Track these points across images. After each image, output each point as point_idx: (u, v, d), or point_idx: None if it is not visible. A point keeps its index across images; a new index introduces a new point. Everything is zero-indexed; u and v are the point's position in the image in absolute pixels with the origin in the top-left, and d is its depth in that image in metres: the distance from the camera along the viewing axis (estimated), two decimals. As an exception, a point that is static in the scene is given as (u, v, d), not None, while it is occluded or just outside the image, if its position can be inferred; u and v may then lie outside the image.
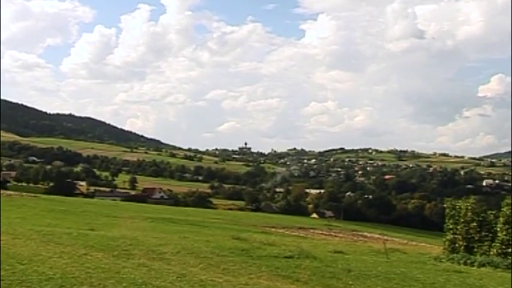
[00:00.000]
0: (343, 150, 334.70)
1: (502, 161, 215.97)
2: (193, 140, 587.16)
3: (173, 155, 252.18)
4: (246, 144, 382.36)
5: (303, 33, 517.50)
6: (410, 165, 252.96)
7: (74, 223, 19.06)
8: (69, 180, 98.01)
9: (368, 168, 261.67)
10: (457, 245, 13.04)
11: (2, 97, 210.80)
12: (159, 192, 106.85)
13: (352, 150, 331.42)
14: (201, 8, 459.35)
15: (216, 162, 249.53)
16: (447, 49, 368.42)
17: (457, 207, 13.38)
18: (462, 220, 13.10)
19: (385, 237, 34.91)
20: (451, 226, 13.37)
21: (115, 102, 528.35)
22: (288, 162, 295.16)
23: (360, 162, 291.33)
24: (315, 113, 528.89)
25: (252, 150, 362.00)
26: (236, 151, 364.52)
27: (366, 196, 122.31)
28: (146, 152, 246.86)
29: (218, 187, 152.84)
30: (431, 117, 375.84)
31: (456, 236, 13.11)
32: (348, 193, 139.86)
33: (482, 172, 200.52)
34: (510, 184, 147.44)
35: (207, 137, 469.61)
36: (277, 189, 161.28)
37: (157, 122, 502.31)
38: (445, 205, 14.22)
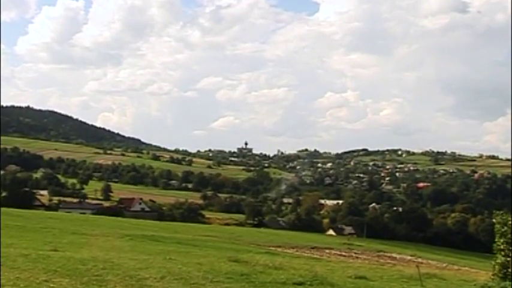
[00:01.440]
0: (366, 152, 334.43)
1: None
2: (181, 139, 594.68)
3: (156, 158, 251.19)
4: (246, 144, 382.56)
5: (317, 7, 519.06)
6: (450, 171, 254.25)
7: (33, 242, 18.96)
8: (27, 189, 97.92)
9: (397, 174, 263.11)
10: (510, 270, 12.84)
11: None
12: (139, 204, 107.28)
13: (378, 152, 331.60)
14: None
15: (209, 167, 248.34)
16: (496, 26, 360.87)
17: (510, 222, 13.16)
18: (517, 239, 13.08)
19: (419, 259, 36.19)
20: (502, 246, 13.11)
21: (84, 93, 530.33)
22: (297, 167, 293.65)
23: (387, 167, 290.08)
24: (331, 106, 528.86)
25: (254, 151, 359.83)
26: (234, 153, 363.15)
27: (395, 208, 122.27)
28: (123, 154, 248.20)
29: (212, 197, 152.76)
30: (477, 110, 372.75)
31: (509, 259, 12.89)
32: (373, 205, 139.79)
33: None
34: None
35: (198, 136, 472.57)
36: (285, 200, 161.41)
37: (137, 117, 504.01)
38: (494, 220, 14.06)
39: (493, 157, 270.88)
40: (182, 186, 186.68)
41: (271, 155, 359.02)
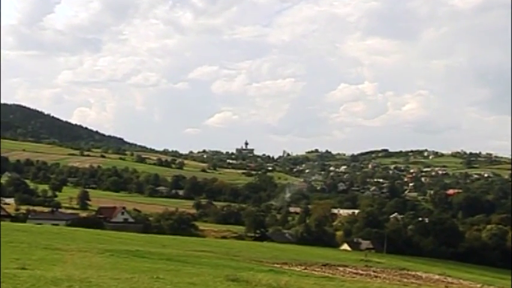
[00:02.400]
0: (386, 153, 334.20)
1: None
2: (170, 139, 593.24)
3: (142, 160, 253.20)
4: (246, 144, 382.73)
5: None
6: (485, 175, 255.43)
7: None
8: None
9: (423, 179, 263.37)
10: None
11: None
12: (122, 214, 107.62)
13: (400, 153, 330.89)
14: None
15: (203, 170, 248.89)
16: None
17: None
18: None
19: (448, 278, 36.46)
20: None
21: (57, 84, 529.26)
22: (307, 170, 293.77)
23: (411, 171, 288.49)
24: (345, 99, 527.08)
25: (255, 152, 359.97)
26: (232, 154, 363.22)
27: (420, 219, 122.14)
28: (103, 156, 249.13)
29: (207, 206, 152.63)
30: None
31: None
32: (394, 215, 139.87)
33: None
34: None
35: (190, 134, 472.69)
36: (291, 209, 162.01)
37: (119, 113, 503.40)
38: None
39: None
40: (172, 193, 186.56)
41: (276, 156, 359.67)
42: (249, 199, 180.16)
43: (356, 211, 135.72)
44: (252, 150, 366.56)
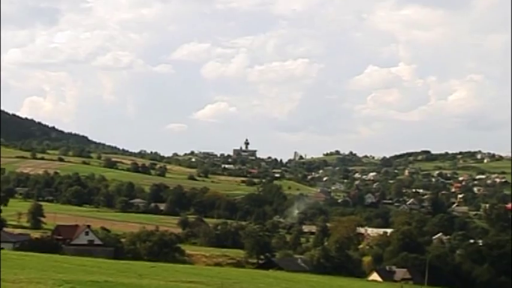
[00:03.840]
0: (427, 156, 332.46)
1: None
2: (149, 137, 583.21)
3: (112, 165, 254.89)
4: (246, 144, 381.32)
5: None
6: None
7: None
8: None
9: (475, 189, 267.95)
10: None
11: None
12: (86, 234, 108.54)
13: (445, 156, 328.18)
14: None
15: (191, 178, 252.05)
16: None
17: None
18: None
19: None
20: None
21: (1, 66, 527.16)
22: (324, 178, 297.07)
23: (460, 178, 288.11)
24: (374, 86, 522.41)
25: (258, 155, 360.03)
26: (229, 157, 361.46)
27: (472, 241, 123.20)
28: (61, 159, 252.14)
29: (196, 223, 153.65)
30: None
31: None
32: (438, 235, 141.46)
33: None
34: None
35: (174, 132, 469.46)
36: (305, 228, 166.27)
37: (82, 103, 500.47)
38: None
39: None
40: (151, 207, 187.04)
41: (285, 160, 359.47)
42: (250, 215, 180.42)
43: (388, 230, 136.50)
44: (254, 151, 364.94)
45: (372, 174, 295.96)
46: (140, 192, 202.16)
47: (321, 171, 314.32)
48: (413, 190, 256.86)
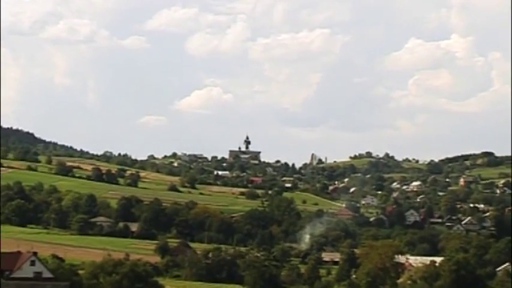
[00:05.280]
0: (490, 160, 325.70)
1: None
2: (116, 134, 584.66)
3: (67, 171, 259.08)
4: (247, 143, 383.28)
5: None
6: None
7: None
8: None
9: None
10: None
11: None
12: (32, 264, 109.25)
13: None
14: None
15: (174, 189, 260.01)
16: None
17: None
18: None
19: None
20: None
21: None
22: (352, 189, 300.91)
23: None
24: (417, 66, 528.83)
25: (263, 158, 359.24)
26: (224, 161, 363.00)
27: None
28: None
29: (179, 249, 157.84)
30: None
31: None
32: (505, 265, 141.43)
33: None
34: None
35: (150, 127, 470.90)
36: (326, 257, 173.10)
37: (26, 90, 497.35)
38: None
39: None
40: (119, 228, 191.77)
41: (299, 165, 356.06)
42: (252, 238, 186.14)
43: (438, 259, 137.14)
44: (257, 154, 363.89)
45: (415, 183, 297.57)
46: (104, 208, 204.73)
47: (346, 179, 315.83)
48: (471, 205, 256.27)
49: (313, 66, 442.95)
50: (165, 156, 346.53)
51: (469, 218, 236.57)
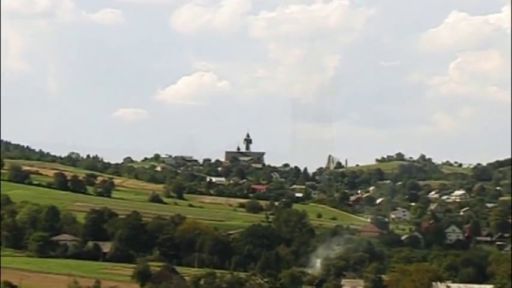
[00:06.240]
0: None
1: None
2: (84, 131, 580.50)
3: (23, 178, 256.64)
4: (248, 142, 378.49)
5: None
6: None
7: None
8: None
9: None
10: None
11: None
12: None
13: None
14: None
15: (156, 200, 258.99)
16: None
17: None
18: None
19: None
20: None
21: None
22: (379, 200, 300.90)
23: None
24: (460, 47, 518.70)
25: (267, 160, 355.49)
26: (218, 164, 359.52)
27: None
28: None
29: (163, 275, 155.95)
30: None
31: None
32: None
33: None
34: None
35: (127, 121, 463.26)
36: (346, 283, 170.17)
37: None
38: None
39: None
40: (87, 248, 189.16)
41: (312, 169, 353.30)
42: (254, 261, 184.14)
43: (486, 287, 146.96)
44: (261, 155, 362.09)
45: (457, 193, 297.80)
46: (70, 224, 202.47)
47: (372, 188, 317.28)
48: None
49: (329, 46, 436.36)
50: (146, 159, 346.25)
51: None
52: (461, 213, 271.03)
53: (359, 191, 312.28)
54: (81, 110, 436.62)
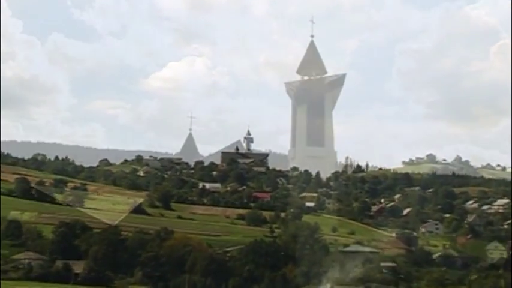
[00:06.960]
0: None
1: None
2: (51, 128, 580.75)
3: None
4: (248, 141, 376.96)
5: None
6: None
7: None
8: None
9: None
10: None
11: None
12: None
13: None
14: None
15: (139, 210, 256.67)
16: None
17: None
18: None
19: None
20: None
21: None
22: (406, 210, 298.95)
23: None
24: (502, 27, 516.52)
25: (272, 163, 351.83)
26: (214, 168, 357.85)
27: None
28: None
29: None
30: None
31: None
32: None
33: None
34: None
35: (103, 116, 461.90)
36: None
37: None
38: None
39: None
40: (55, 269, 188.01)
41: (325, 174, 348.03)
42: (256, 283, 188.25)
43: None
44: (265, 157, 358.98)
45: (501, 202, 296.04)
46: (34, 240, 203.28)
47: (397, 196, 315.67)
48: None
49: (349, 19, 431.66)
50: (126, 161, 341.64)
51: None
52: (505, 227, 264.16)
53: (382, 200, 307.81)
54: (49, 102, 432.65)
